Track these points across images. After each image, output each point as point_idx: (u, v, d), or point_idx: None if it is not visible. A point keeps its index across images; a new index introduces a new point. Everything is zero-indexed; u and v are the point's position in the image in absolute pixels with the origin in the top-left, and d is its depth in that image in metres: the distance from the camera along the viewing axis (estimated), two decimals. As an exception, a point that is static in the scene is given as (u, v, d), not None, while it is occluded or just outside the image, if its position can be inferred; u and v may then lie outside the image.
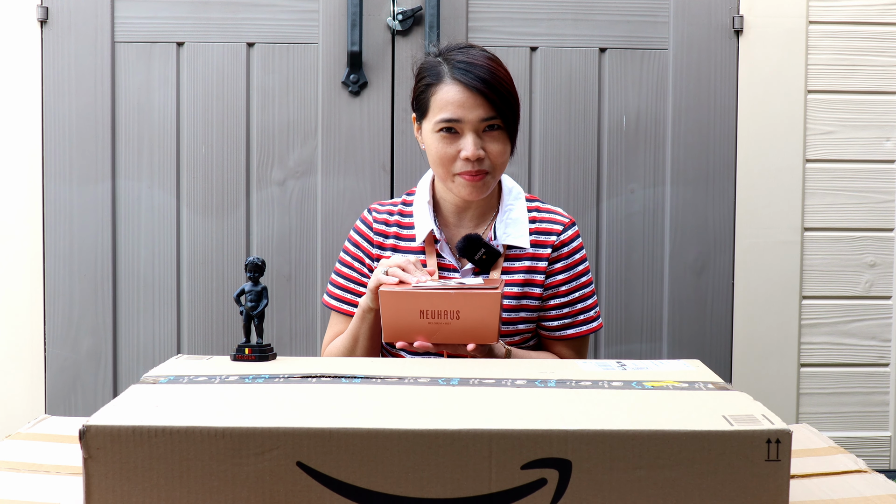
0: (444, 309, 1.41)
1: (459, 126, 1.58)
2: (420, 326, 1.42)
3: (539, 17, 2.35)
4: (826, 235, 2.41)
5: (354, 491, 0.96)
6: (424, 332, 1.43)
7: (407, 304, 1.42)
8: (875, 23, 2.39)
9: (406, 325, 1.43)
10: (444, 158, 1.59)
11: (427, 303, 1.41)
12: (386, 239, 1.70)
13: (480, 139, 1.58)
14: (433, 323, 1.42)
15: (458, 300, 1.41)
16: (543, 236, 1.68)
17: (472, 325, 1.42)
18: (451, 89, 1.58)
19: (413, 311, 1.42)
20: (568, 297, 1.68)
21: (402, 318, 1.43)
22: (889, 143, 2.41)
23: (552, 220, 1.69)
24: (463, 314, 1.41)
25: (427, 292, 1.42)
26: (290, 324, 2.35)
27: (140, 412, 1.02)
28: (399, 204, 1.73)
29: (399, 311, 1.42)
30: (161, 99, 2.32)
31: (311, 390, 1.11)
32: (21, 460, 1.21)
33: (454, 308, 1.41)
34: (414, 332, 1.43)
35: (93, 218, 2.31)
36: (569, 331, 1.69)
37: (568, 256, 1.68)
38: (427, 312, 1.41)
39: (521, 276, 1.65)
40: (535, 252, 1.66)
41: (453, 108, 1.57)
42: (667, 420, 0.99)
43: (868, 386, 2.43)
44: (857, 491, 1.13)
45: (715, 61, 2.38)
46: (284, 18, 2.32)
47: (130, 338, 2.33)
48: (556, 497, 0.96)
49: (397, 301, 1.42)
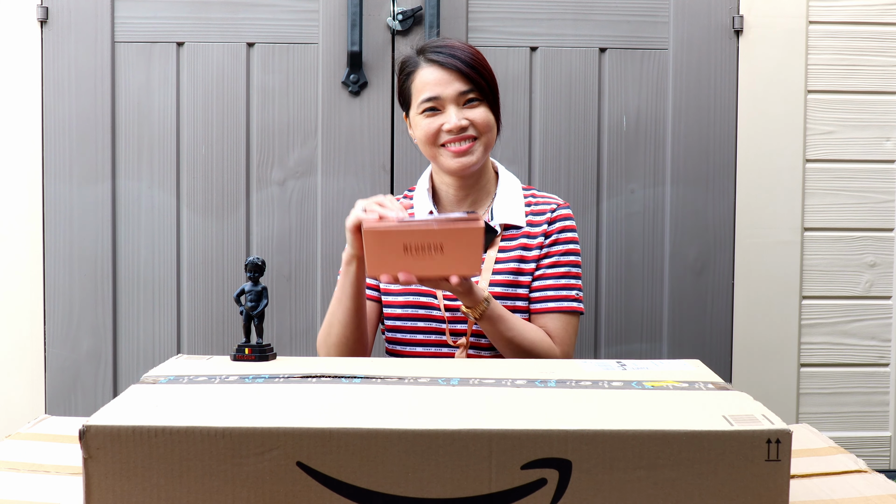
0: (427, 242, 1.44)
1: (440, 103, 1.66)
2: (404, 261, 1.45)
3: (539, 17, 2.35)
4: (826, 235, 2.41)
5: (354, 491, 0.96)
6: (408, 266, 1.45)
7: (391, 241, 1.44)
8: (875, 23, 2.39)
9: (390, 261, 1.45)
10: (430, 134, 1.67)
11: (410, 238, 1.44)
12: None
13: (461, 111, 1.67)
14: (416, 257, 1.44)
15: (441, 234, 1.43)
16: (538, 216, 1.74)
17: (455, 258, 1.45)
18: (428, 71, 1.67)
19: (397, 246, 1.44)
20: (555, 269, 1.71)
21: (385, 254, 1.45)
22: (889, 143, 2.41)
23: (545, 202, 1.76)
24: (446, 247, 1.44)
25: (410, 229, 1.44)
26: (290, 324, 2.35)
27: (140, 412, 1.02)
28: (401, 199, 1.80)
29: (383, 248, 1.45)
30: (161, 99, 2.32)
31: (311, 390, 1.11)
32: (21, 460, 1.21)
33: (437, 241, 1.43)
34: (398, 268, 1.45)
35: (93, 218, 2.31)
36: (552, 303, 1.71)
37: (560, 232, 1.73)
38: (411, 246, 1.44)
39: (517, 254, 1.71)
40: (530, 230, 1.73)
41: (431, 86, 1.66)
42: (667, 420, 0.99)
43: (868, 386, 2.43)
44: (857, 491, 1.13)
45: (715, 61, 2.38)
46: (284, 18, 2.32)
47: (130, 338, 2.33)
48: (556, 497, 0.96)
49: (381, 238, 1.45)
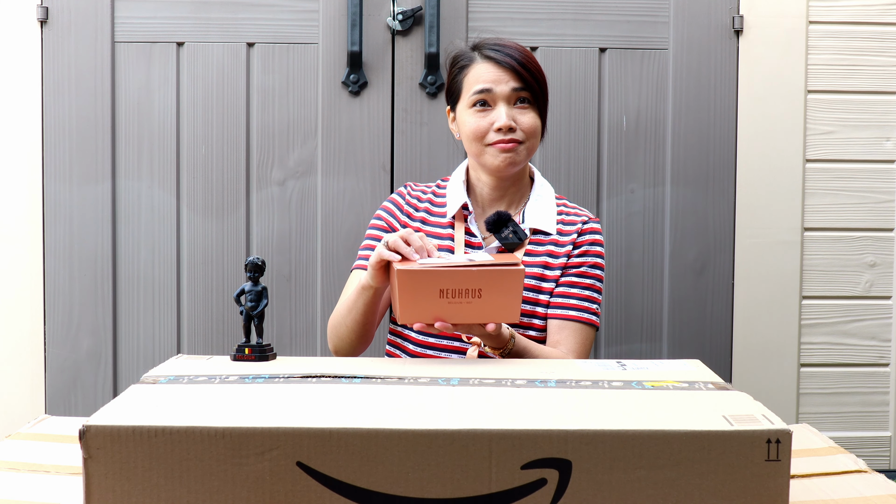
0: (465, 287, 1.32)
1: (492, 97, 1.68)
2: (439, 306, 1.33)
3: (539, 17, 2.35)
4: (826, 235, 2.41)
5: (354, 491, 0.96)
6: (443, 312, 1.33)
7: (426, 283, 1.32)
8: (875, 23, 2.39)
9: (424, 306, 1.33)
10: (478, 132, 1.68)
11: (448, 281, 1.32)
12: (416, 212, 1.77)
13: (511, 111, 1.68)
14: (453, 302, 1.33)
15: (481, 277, 1.32)
16: (568, 226, 1.74)
17: (495, 304, 1.34)
18: (484, 66, 1.69)
19: (432, 290, 1.32)
20: (582, 279, 1.71)
21: (420, 298, 1.33)
22: (889, 143, 2.41)
23: (577, 214, 1.77)
24: (485, 292, 1.33)
25: (448, 269, 1.32)
26: (290, 324, 2.35)
27: (140, 412, 1.02)
28: (433, 186, 1.82)
29: (417, 291, 1.33)
30: (161, 99, 2.32)
31: (311, 390, 1.11)
32: (21, 460, 1.21)
33: (476, 286, 1.32)
34: (433, 313, 1.34)
35: (93, 218, 2.31)
36: (573, 312, 1.69)
37: (588, 244, 1.73)
38: (447, 291, 1.32)
39: (543, 259, 1.71)
40: (559, 239, 1.72)
41: (485, 79, 1.68)
42: (667, 420, 0.99)
43: (868, 386, 2.43)
44: (857, 491, 1.13)
45: (715, 61, 2.38)
46: (284, 18, 2.32)
47: (130, 338, 2.33)
48: (556, 497, 0.96)
49: (415, 280, 1.32)
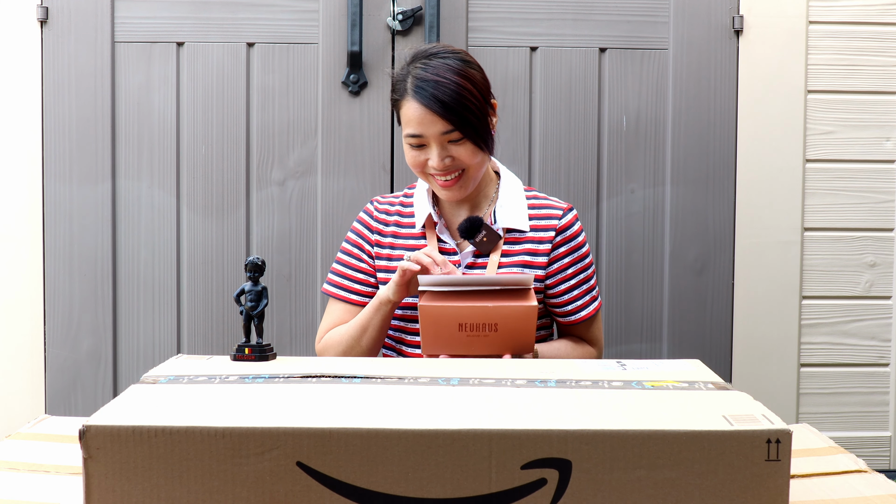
0: (482, 322, 1.44)
1: (423, 140, 1.64)
2: (458, 339, 1.45)
3: (539, 17, 2.35)
4: (826, 235, 2.41)
5: (354, 491, 0.96)
6: (462, 344, 1.45)
7: (447, 318, 1.44)
8: (875, 23, 2.39)
9: (445, 338, 1.46)
10: (416, 164, 1.68)
11: (466, 316, 1.44)
12: (386, 227, 1.76)
13: (445, 149, 1.64)
14: (471, 336, 1.45)
15: (497, 314, 1.44)
16: (544, 221, 1.73)
17: (510, 337, 1.45)
18: (412, 106, 1.63)
19: (452, 324, 1.44)
20: (576, 278, 1.74)
21: (441, 331, 1.45)
22: (889, 143, 2.41)
23: (550, 206, 1.75)
24: (501, 327, 1.44)
25: (466, 306, 1.44)
26: (290, 324, 2.35)
27: (140, 412, 1.02)
28: (400, 196, 1.80)
29: (439, 325, 1.45)
30: (161, 99, 2.32)
31: (311, 390, 1.11)
32: (21, 460, 1.21)
33: (492, 321, 1.44)
34: (452, 345, 1.46)
35: (93, 218, 2.31)
36: (582, 312, 1.75)
37: (571, 240, 1.73)
38: (466, 326, 1.45)
39: (521, 259, 1.71)
40: (535, 236, 1.72)
41: (415, 124, 1.63)
42: (667, 420, 0.99)
43: (868, 386, 2.43)
44: (857, 491, 1.13)
45: (715, 61, 2.38)
46: (284, 18, 2.32)
47: (130, 338, 2.33)
48: (556, 497, 0.96)
49: (437, 315, 1.45)
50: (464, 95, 1.61)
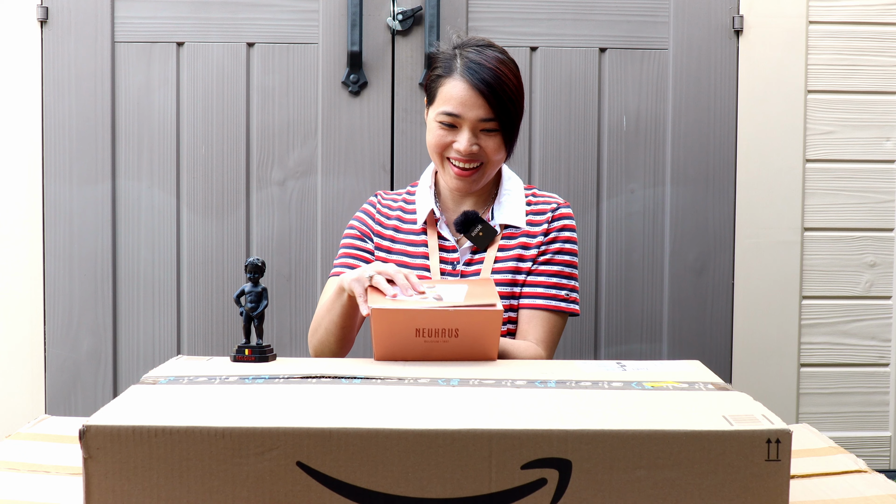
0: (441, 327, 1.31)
1: (458, 121, 1.66)
2: (415, 344, 1.32)
3: (539, 17, 2.35)
4: (826, 235, 2.41)
5: (354, 491, 0.96)
6: (420, 351, 1.32)
7: (401, 323, 1.31)
8: (875, 23, 2.39)
9: (400, 344, 1.32)
10: (439, 145, 1.68)
11: (423, 321, 1.31)
12: (388, 220, 1.78)
13: (476, 137, 1.66)
14: (429, 342, 1.31)
15: (457, 318, 1.31)
16: (538, 216, 1.74)
17: (471, 344, 1.32)
18: (458, 85, 1.65)
19: (408, 329, 1.31)
20: (548, 266, 1.71)
21: (395, 336, 1.32)
22: (889, 143, 2.41)
23: (546, 202, 1.76)
24: (462, 332, 1.31)
25: (423, 310, 1.32)
26: (290, 324, 2.35)
27: (140, 412, 1.02)
28: (403, 193, 1.82)
29: (392, 330, 1.31)
30: (161, 99, 2.32)
31: (311, 390, 1.11)
32: (21, 460, 1.21)
33: (452, 326, 1.31)
34: (408, 352, 1.32)
35: (93, 218, 2.30)
36: (541, 300, 1.69)
37: (558, 231, 1.73)
38: (423, 331, 1.31)
39: (517, 252, 1.71)
40: (530, 230, 1.73)
41: (455, 103, 1.65)
42: (667, 420, 0.99)
43: (868, 386, 2.43)
44: (857, 491, 1.13)
45: (715, 61, 2.37)
46: (284, 18, 2.32)
47: (130, 338, 2.33)
48: (556, 497, 0.96)
49: (390, 318, 1.32)
50: (511, 90, 1.66)
